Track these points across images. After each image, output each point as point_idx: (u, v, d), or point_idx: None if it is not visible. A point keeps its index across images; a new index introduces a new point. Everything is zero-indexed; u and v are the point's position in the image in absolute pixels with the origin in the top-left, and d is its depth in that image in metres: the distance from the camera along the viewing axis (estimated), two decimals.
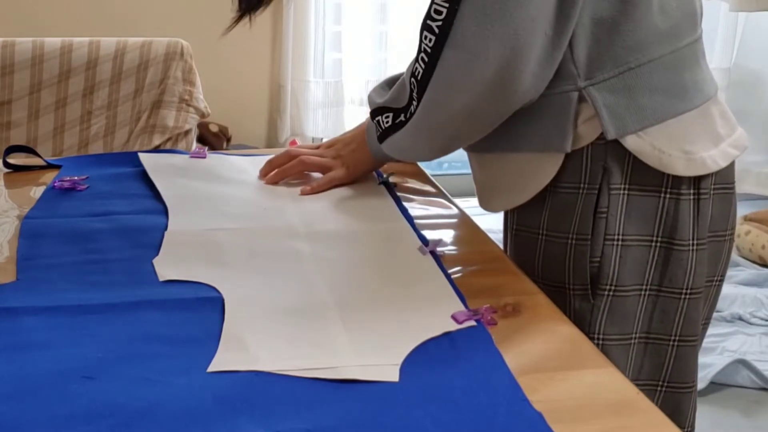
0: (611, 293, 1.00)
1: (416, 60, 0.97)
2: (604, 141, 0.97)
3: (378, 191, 1.19)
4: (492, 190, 1.07)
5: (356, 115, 3.44)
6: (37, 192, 1.16)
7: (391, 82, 1.10)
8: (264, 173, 1.22)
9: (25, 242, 0.99)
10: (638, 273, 1.00)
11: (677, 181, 0.98)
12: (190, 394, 0.69)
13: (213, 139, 3.13)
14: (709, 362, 2.33)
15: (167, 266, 0.92)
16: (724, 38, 3.54)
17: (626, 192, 0.98)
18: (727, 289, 2.75)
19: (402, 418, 0.67)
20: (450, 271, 0.94)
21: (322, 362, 0.74)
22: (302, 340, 0.78)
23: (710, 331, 2.50)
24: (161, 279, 0.90)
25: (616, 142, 0.97)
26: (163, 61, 2.34)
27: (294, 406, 0.68)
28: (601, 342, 1.00)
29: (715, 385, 2.28)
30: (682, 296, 1.01)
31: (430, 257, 0.97)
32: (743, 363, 2.32)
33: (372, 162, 1.19)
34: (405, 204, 1.15)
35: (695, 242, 1.00)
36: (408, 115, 1.01)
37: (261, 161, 1.24)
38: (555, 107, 0.97)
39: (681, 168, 0.97)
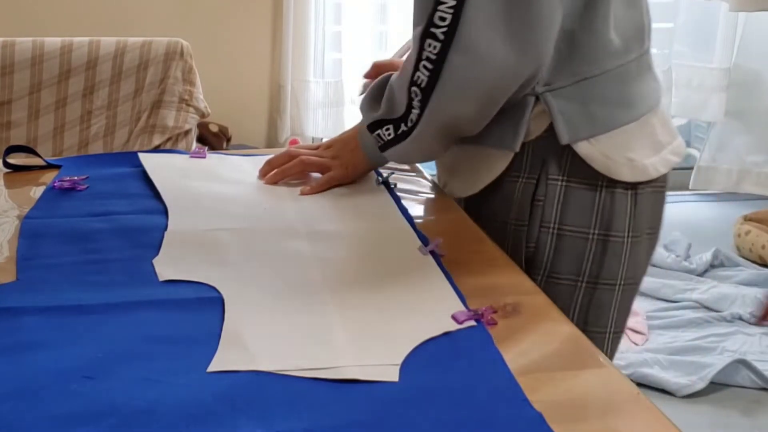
0: (544, 278, 1.06)
1: (416, 68, 0.98)
2: (546, 134, 1.03)
3: (378, 191, 1.19)
4: (450, 174, 1.15)
5: (356, 115, 3.40)
6: (37, 192, 1.16)
7: (378, 93, 1.10)
8: (264, 173, 1.22)
9: (25, 242, 0.99)
10: (575, 264, 1.06)
11: None
12: (190, 394, 0.69)
13: (213, 139, 3.13)
14: (709, 362, 2.33)
15: (167, 266, 0.92)
16: (724, 38, 3.53)
17: (564, 183, 1.04)
18: (727, 289, 2.75)
19: (402, 418, 0.67)
20: (450, 271, 0.94)
21: (321, 362, 0.74)
22: (302, 340, 0.78)
23: (710, 330, 2.52)
24: (161, 279, 0.90)
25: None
26: (163, 61, 2.34)
27: (294, 406, 0.68)
28: None
29: (715, 385, 2.28)
30: (617, 287, 1.07)
31: (430, 257, 0.97)
32: (743, 363, 2.32)
33: (370, 162, 1.19)
34: (405, 204, 1.15)
35: (630, 234, 1.06)
36: (409, 123, 1.02)
37: (261, 161, 1.24)
38: (513, 109, 1.02)
39: (626, 174, 1.04)
